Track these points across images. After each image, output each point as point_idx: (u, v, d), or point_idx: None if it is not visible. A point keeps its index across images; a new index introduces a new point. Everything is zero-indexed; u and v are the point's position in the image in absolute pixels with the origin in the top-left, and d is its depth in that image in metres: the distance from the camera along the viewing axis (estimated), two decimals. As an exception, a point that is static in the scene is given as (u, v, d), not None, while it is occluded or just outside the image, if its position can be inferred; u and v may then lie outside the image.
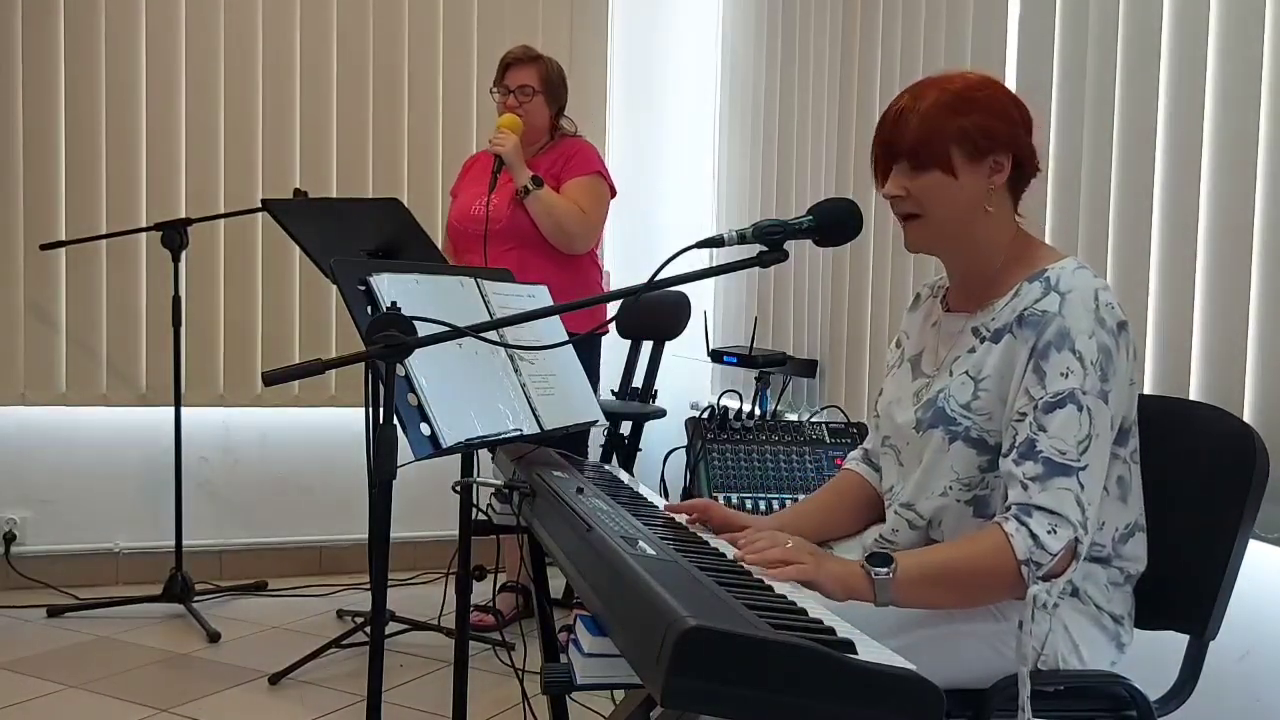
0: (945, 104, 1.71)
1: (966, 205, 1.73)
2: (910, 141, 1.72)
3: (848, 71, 3.56)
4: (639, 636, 1.20)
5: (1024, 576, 1.58)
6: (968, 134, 1.70)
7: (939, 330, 1.87)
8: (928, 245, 1.81)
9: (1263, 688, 2.17)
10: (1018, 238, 1.79)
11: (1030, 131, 1.77)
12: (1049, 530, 1.59)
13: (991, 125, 1.71)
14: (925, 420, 1.77)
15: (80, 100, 4.06)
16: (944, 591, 1.62)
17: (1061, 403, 1.62)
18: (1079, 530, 1.60)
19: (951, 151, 1.70)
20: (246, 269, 4.25)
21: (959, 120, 1.70)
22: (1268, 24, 2.16)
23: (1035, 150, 1.77)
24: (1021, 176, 1.77)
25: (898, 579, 1.56)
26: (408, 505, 2.71)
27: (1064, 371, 1.63)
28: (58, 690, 3.13)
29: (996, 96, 1.74)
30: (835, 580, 1.54)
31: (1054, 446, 1.61)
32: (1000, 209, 1.75)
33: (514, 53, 3.66)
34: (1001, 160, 1.72)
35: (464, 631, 2.36)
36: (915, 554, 1.66)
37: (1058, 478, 1.60)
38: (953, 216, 1.74)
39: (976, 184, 1.72)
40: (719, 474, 3.16)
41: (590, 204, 3.60)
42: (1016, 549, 1.58)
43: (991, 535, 1.61)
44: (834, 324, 3.62)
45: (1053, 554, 1.59)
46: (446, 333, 1.73)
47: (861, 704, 1.13)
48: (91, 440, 4.15)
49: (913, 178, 1.73)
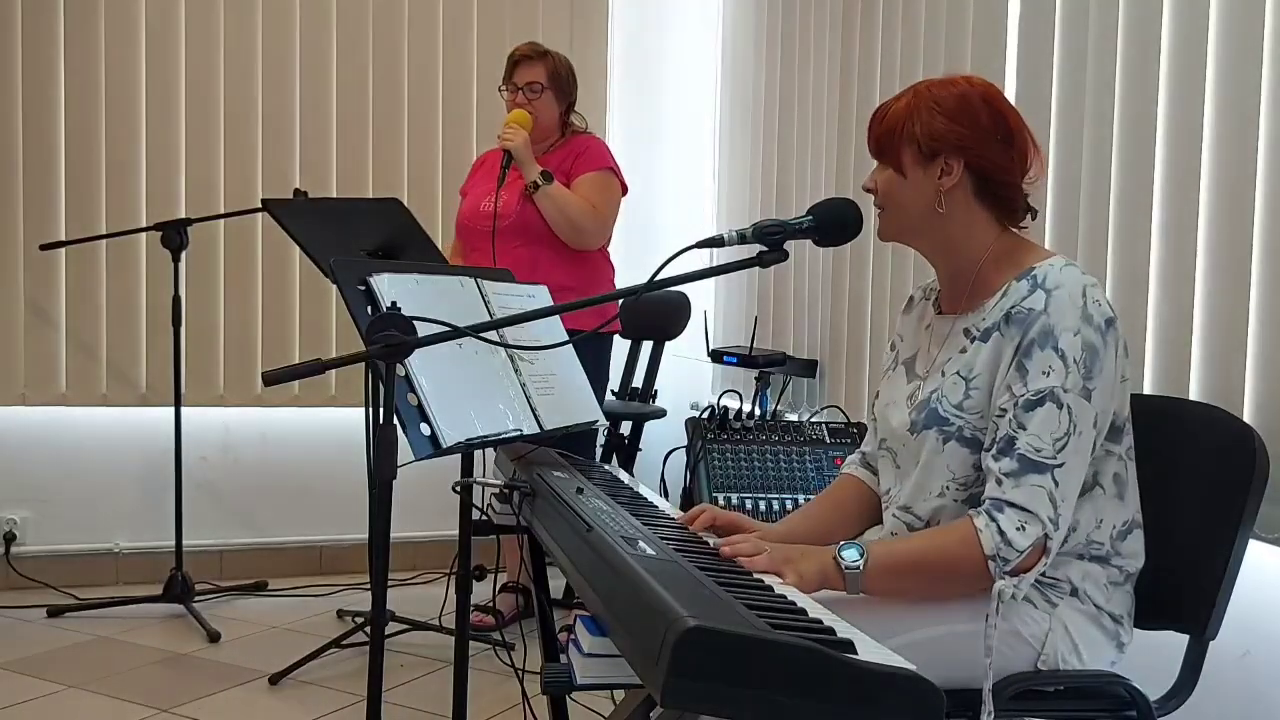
0: (912, 106, 1.77)
1: (916, 204, 1.78)
2: (874, 138, 1.82)
3: (848, 71, 3.56)
4: (639, 636, 1.20)
5: (990, 571, 1.63)
6: (915, 137, 1.75)
7: (931, 332, 1.89)
8: (892, 236, 1.87)
9: (1263, 688, 2.17)
10: (1004, 240, 1.80)
11: (1009, 142, 1.76)
12: (1018, 527, 1.62)
13: (944, 130, 1.74)
14: (919, 422, 1.78)
15: (80, 100, 4.06)
16: (912, 582, 1.68)
17: (1041, 400, 1.64)
18: (1049, 527, 1.63)
19: (902, 151, 1.77)
20: (246, 269, 4.25)
21: (915, 123, 1.76)
22: (1268, 24, 2.16)
23: (1014, 160, 1.77)
24: (988, 185, 1.76)
25: (868, 570, 1.63)
26: (408, 505, 2.71)
27: (1045, 370, 1.65)
28: (58, 690, 3.13)
29: (970, 104, 1.75)
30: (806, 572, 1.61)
31: (1030, 444, 1.64)
32: (961, 212, 1.77)
33: (521, 49, 3.61)
34: (951, 164, 1.75)
35: (464, 631, 2.35)
36: (887, 544, 1.73)
37: (1031, 474, 1.63)
38: (905, 213, 1.80)
39: (925, 185, 1.77)
40: (719, 474, 3.16)
41: (601, 200, 3.54)
42: (984, 544, 1.62)
43: (961, 529, 1.66)
44: (834, 324, 3.62)
45: (1020, 550, 1.62)
46: (446, 333, 1.73)
47: (861, 704, 1.13)
48: (91, 440, 4.14)
49: (879, 173, 1.82)
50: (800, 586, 1.57)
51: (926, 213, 1.78)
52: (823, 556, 1.65)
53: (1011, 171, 1.77)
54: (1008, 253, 1.78)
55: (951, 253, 1.81)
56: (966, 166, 1.75)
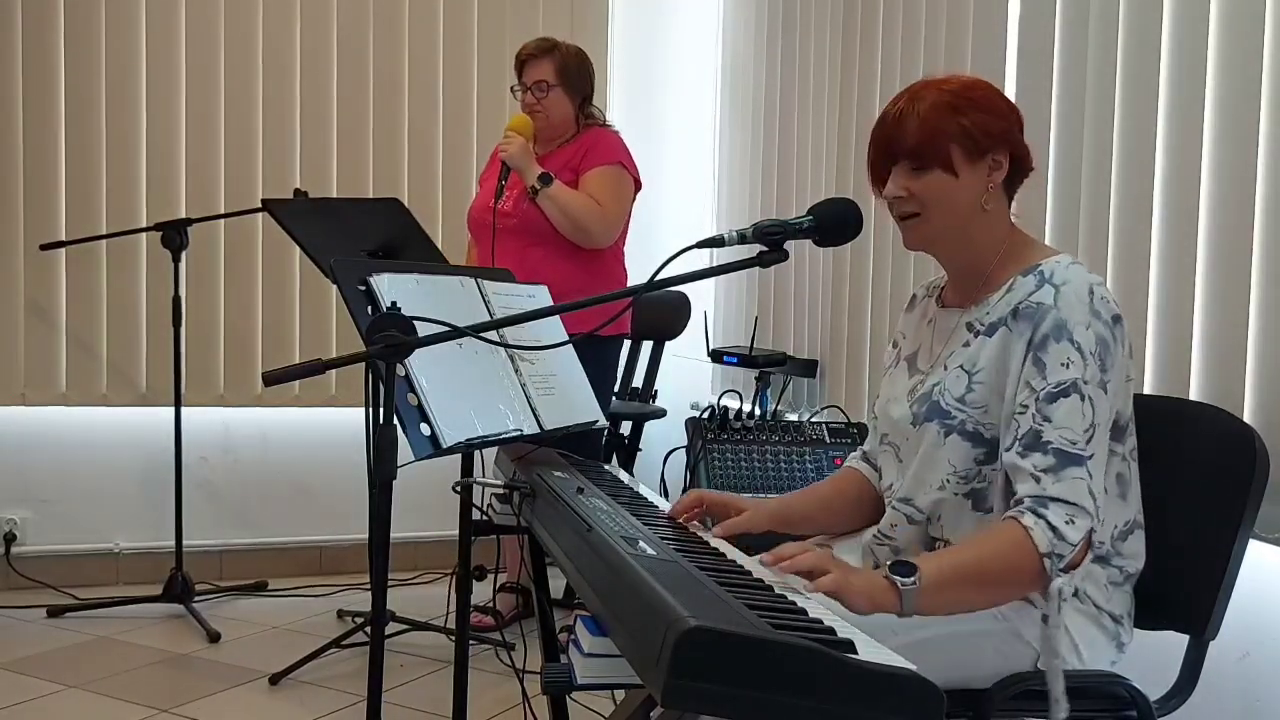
0: (945, 104, 1.73)
1: (966, 204, 1.75)
2: (911, 142, 1.74)
3: (848, 71, 3.56)
4: (639, 636, 1.20)
5: (1047, 570, 1.58)
6: (968, 133, 1.72)
7: (934, 327, 1.89)
8: (927, 244, 1.82)
9: (1262, 688, 2.17)
10: (1012, 235, 1.80)
11: (1023, 130, 1.79)
12: (1067, 520, 1.59)
13: (990, 123, 1.73)
14: (921, 414, 1.78)
15: (80, 100, 4.06)
16: (969, 593, 1.59)
17: (1065, 392, 1.63)
18: (1094, 519, 1.61)
19: (952, 150, 1.72)
20: (246, 269, 4.25)
21: (959, 119, 1.72)
22: (1268, 24, 2.16)
23: (1029, 149, 1.79)
24: (1017, 174, 1.79)
25: (923, 586, 1.52)
26: (408, 505, 2.70)
27: (1064, 362, 1.64)
28: (58, 690, 3.13)
29: (991, 96, 1.77)
30: (860, 594, 1.49)
31: (1063, 436, 1.61)
32: (997, 207, 1.78)
33: (528, 47, 3.52)
34: (1000, 158, 1.75)
35: (464, 631, 2.35)
36: (935, 558, 1.62)
37: (1070, 468, 1.60)
38: (953, 215, 1.75)
39: (976, 182, 1.74)
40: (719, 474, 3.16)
41: (608, 196, 3.41)
42: (1038, 543, 1.57)
43: (1009, 531, 1.60)
44: (834, 324, 3.62)
45: (1073, 544, 1.59)
46: (446, 333, 1.73)
47: (861, 704, 1.13)
48: (91, 440, 4.14)
49: (914, 178, 1.75)
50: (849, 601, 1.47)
51: (973, 211, 1.75)
52: (872, 575, 1.55)
53: (1030, 161, 1.79)
54: (1015, 249, 1.79)
55: (972, 250, 1.80)
56: (1010, 158, 1.75)
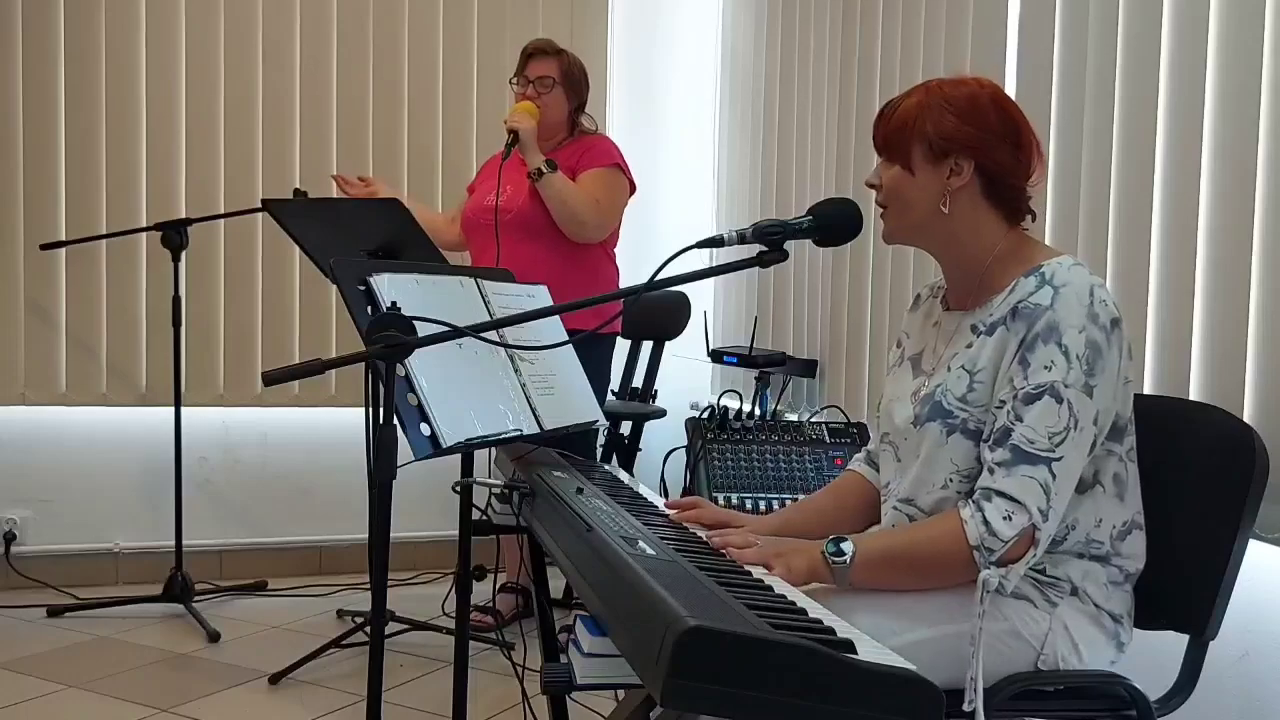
0: (922, 104, 1.77)
1: (921, 204, 1.78)
2: (882, 135, 1.81)
3: (848, 71, 3.56)
4: (639, 636, 1.20)
5: (976, 561, 1.63)
6: (927, 136, 1.75)
7: (939, 329, 1.89)
8: (897, 237, 1.87)
9: (1262, 688, 2.17)
10: (1012, 238, 1.80)
11: (1018, 144, 1.77)
12: (1004, 516, 1.62)
13: (957, 130, 1.74)
14: (923, 415, 1.79)
15: (80, 100, 4.06)
16: (899, 574, 1.69)
17: (1040, 394, 1.64)
18: (1037, 518, 1.63)
19: (913, 149, 1.77)
20: (246, 269, 4.25)
21: (926, 121, 1.75)
22: (1268, 24, 2.16)
23: (1021, 163, 1.78)
24: (995, 185, 1.77)
25: (855, 563, 1.65)
26: (408, 505, 2.71)
27: (1047, 364, 1.65)
28: (58, 690, 3.13)
29: (980, 105, 1.76)
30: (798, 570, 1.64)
31: (1024, 436, 1.65)
32: (967, 212, 1.77)
33: (536, 44, 3.58)
34: (961, 164, 1.75)
35: (464, 631, 2.35)
36: (874, 538, 1.74)
37: (1023, 465, 1.64)
38: (908, 213, 1.80)
39: (932, 184, 1.77)
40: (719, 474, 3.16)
41: (605, 195, 3.48)
42: (968, 534, 1.63)
43: (948, 520, 1.67)
44: (834, 324, 3.62)
45: (1004, 540, 1.62)
46: (446, 333, 1.73)
47: (861, 704, 1.13)
48: (91, 440, 4.14)
49: (885, 170, 1.81)
50: (789, 579, 1.60)
51: (931, 212, 1.78)
52: (812, 550, 1.68)
53: (1018, 174, 1.78)
54: (1015, 250, 1.79)
55: (958, 251, 1.81)
56: (976, 167, 1.75)
